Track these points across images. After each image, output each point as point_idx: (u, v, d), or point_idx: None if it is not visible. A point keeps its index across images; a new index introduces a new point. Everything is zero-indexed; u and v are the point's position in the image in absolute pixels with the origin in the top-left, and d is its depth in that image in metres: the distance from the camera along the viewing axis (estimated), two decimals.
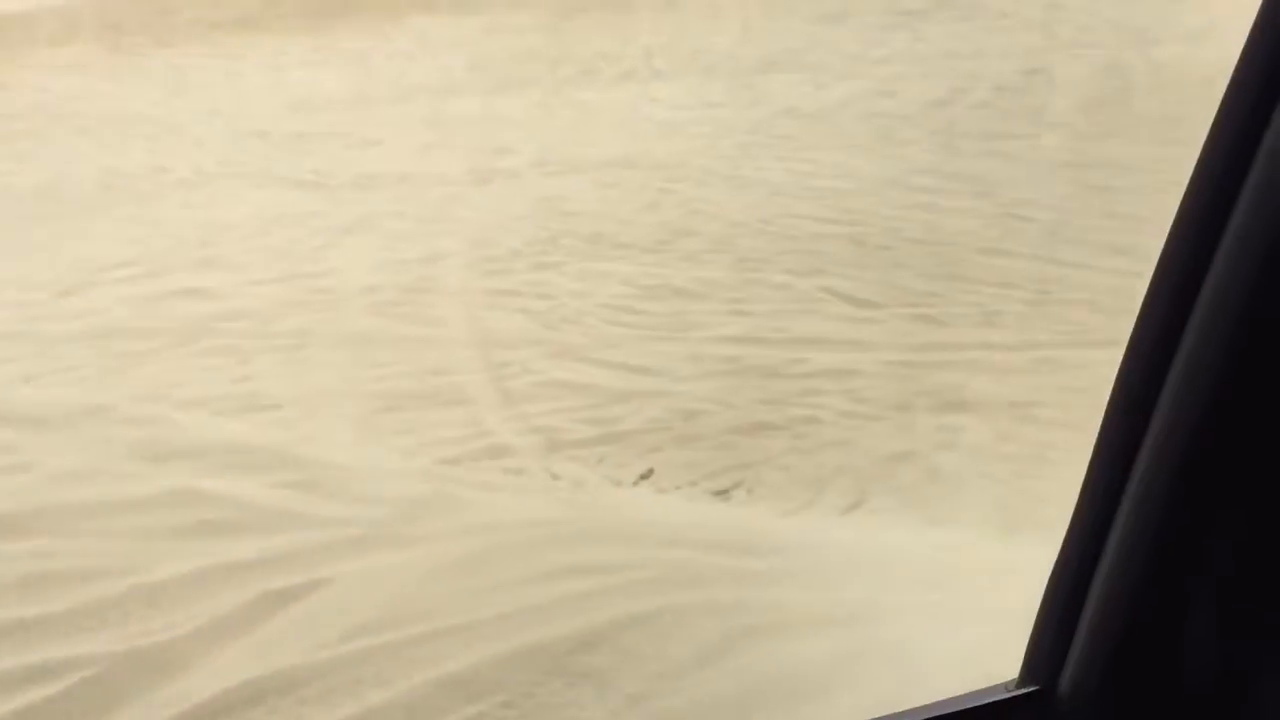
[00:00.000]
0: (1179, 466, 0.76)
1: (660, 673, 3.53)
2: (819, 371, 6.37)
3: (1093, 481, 0.87)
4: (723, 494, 5.12)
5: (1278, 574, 0.80)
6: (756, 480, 5.23)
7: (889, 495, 5.03)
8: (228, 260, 8.27)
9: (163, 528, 4.63)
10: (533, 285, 7.73)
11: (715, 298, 7.47)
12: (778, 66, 13.79)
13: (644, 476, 5.29)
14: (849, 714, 3.16)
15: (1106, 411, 0.85)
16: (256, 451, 5.28)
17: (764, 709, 3.30)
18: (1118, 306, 7.03)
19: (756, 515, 4.85)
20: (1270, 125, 0.67)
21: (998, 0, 16.01)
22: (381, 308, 7.40)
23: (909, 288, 7.46)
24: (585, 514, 4.69)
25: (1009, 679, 1.07)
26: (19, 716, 3.57)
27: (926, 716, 1.06)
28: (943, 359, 6.48)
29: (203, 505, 4.76)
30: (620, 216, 9.07)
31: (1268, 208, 0.66)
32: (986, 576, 3.80)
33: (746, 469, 5.33)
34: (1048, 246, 8.01)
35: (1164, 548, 0.79)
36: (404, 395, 6.19)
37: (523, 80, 14.26)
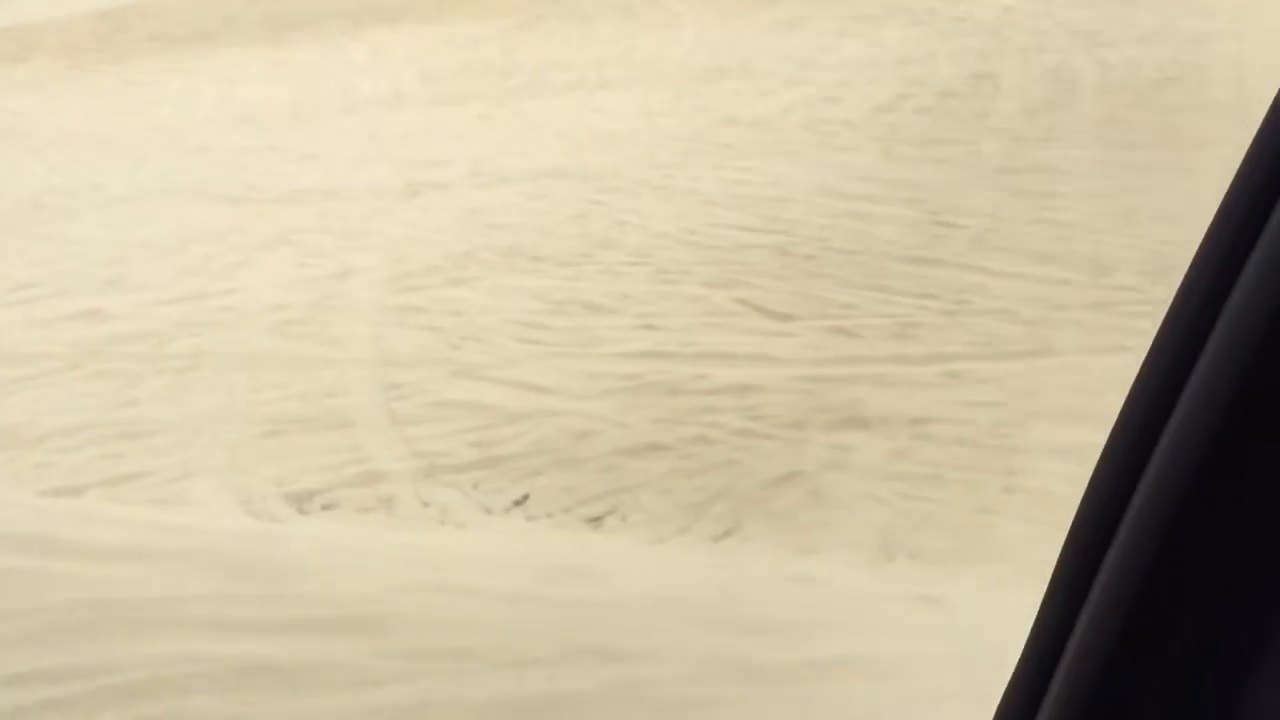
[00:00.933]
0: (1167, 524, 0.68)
1: None
2: (720, 388, 6.08)
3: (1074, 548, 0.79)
4: (595, 521, 4.83)
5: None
6: (634, 505, 4.93)
7: (766, 520, 4.74)
8: (134, 280, 7.98)
9: None
10: (442, 302, 7.45)
11: (626, 312, 7.19)
12: (727, 74, 13.52)
13: (518, 503, 5.00)
14: None
15: (1094, 475, 0.78)
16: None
17: None
18: (1035, 316, 6.77)
19: (618, 545, 4.56)
20: None
21: (953, 5, 15.76)
22: (284, 327, 7.11)
23: (827, 299, 7.18)
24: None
25: None
26: None
27: None
28: (850, 373, 6.19)
29: None
30: (542, 229, 8.79)
31: None
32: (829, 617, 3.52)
33: (626, 493, 5.04)
34: (973, 254, 7.73)
35: (1146, 611, 0.70)
36: (289, 420, 5.90)
37: (470, 92, 13.99)
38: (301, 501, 5.01)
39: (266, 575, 3.93)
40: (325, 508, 4.97)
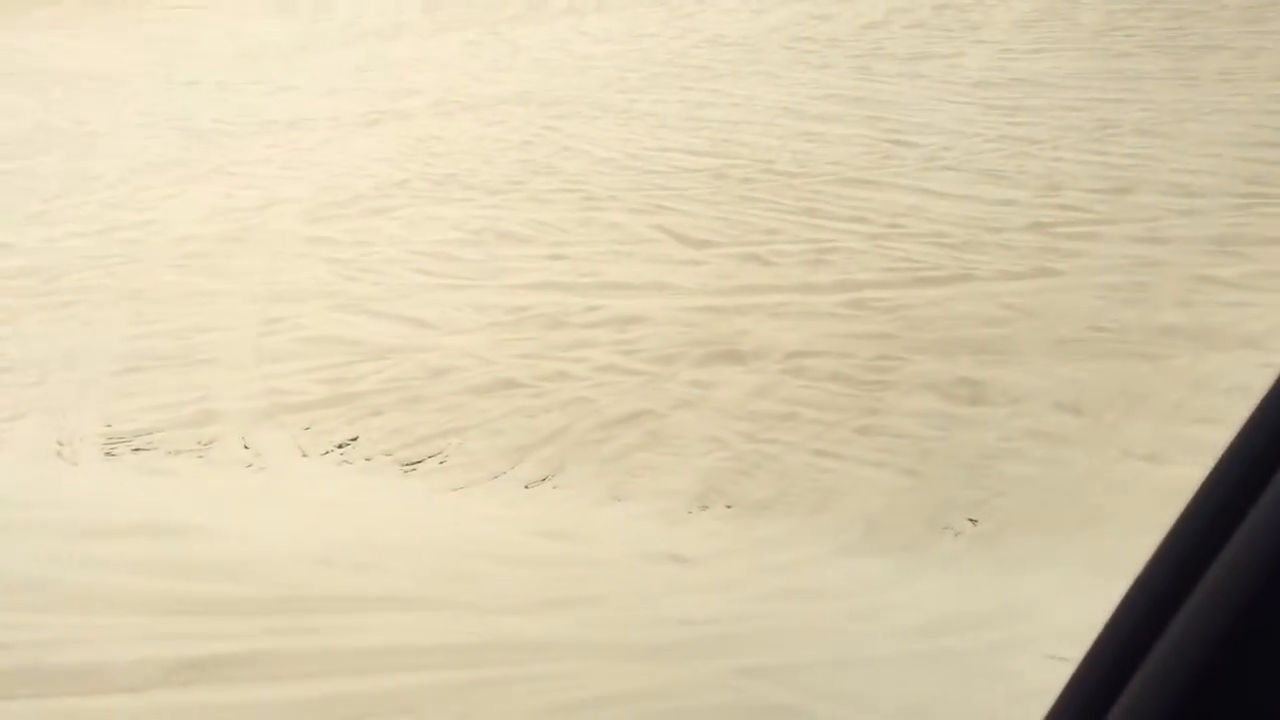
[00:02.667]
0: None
1: None
2: (606, 320, 5.58)
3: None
4: (412, 466, 4.39)
5: None
6: (459, 449, 4.48)
7: (592, 464, 4.25)
8: (60, 214, 7.69)
9: None
10: (355, 232, 7.02)
11: (540, 240, 6.69)
12: None
13: (341, 446, 4.58)
14: None
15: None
16: None
17: None
18: (965, 239, 6.11)
19: (414, 490, 4.12)
20: None
21: None
22: (186, 259, 6.77)
23: (750, 225, 6.58)
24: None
25: None
26: None
27: None
28: (748, 303, 5.63)
29: None
30: (485, 156, 8.28)
31: None
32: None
33: (457, 434, 4.59)
34: (920, 175, 7.04)
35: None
36: (153, 356, 5.55)
37: (468, 20, 13.44)
38: (115, 444, 4.66)
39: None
40: (136, 450, 4.60)
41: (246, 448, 4.62)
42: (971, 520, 3.70)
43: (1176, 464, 3.87)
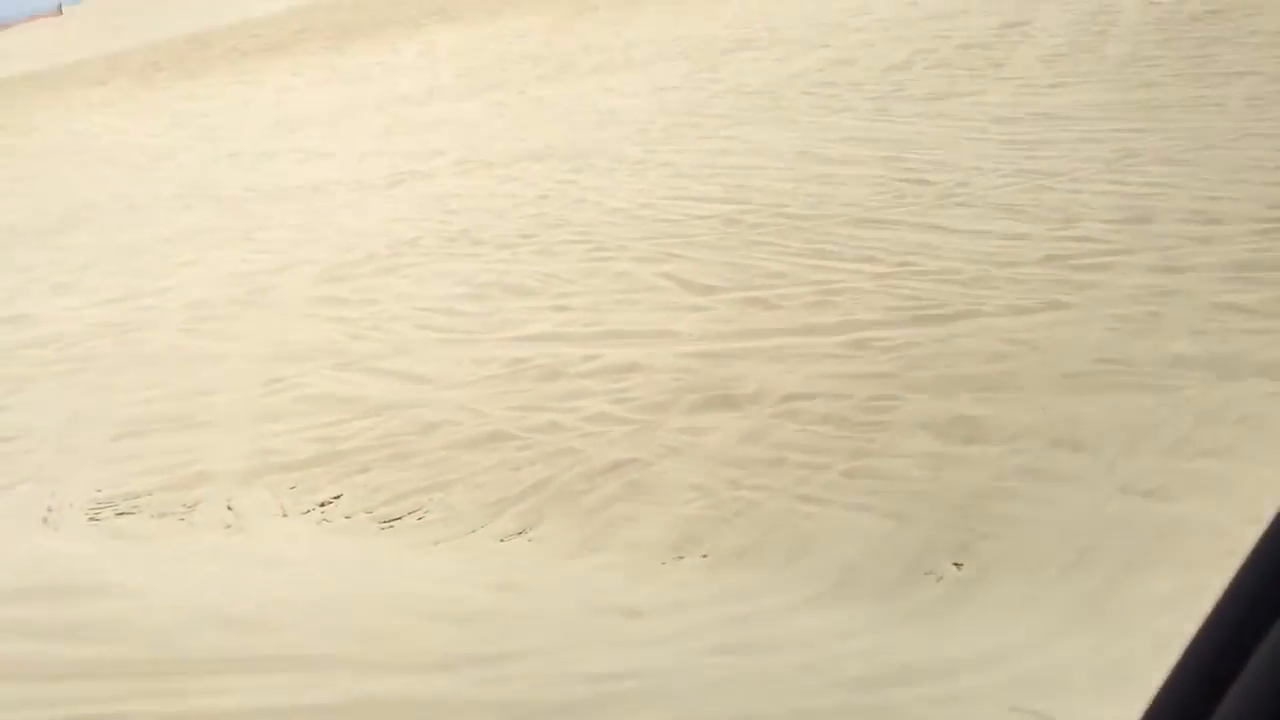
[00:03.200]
0: None
1: None
2: (602, 370, 5.45)
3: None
4: (389, 523, 4.28)
5: None
6: (441, 504, 4.36)
7: (572, 516, 4.11)
8: (82, 285, 7.80)
9: None
10: (364, 291, 7.01)
11: (546, 292, 6.61)
12: (751, 45, 12.74)
13: (323, 504, 4.49)
14: None
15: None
16: None
17: None
18: (976, 275, 5.91)
19: (383, 548, 4.00)
20: None
21: None
22: (196, 323, 6.79)
23: (757, 268, 6.44)
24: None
25: None
26: None
27: None
28: (747, 347, 5.47)
29: None
30: (499, 211, 8.26)
31: None
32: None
33: (440, 489, 4.48)
34: (933, 212, 6.86)
35: None
36: (153, 420, 5.54)
37: (498, 82, 13.57)
38: (101, 509, 4.61)
39: None
40: (120, 514, 4.55)
41: (230, 509, 4.54)
42: (955, 564, 3.49)
43: (1177, 500, 3.62)
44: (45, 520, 4.55)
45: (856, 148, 8.40)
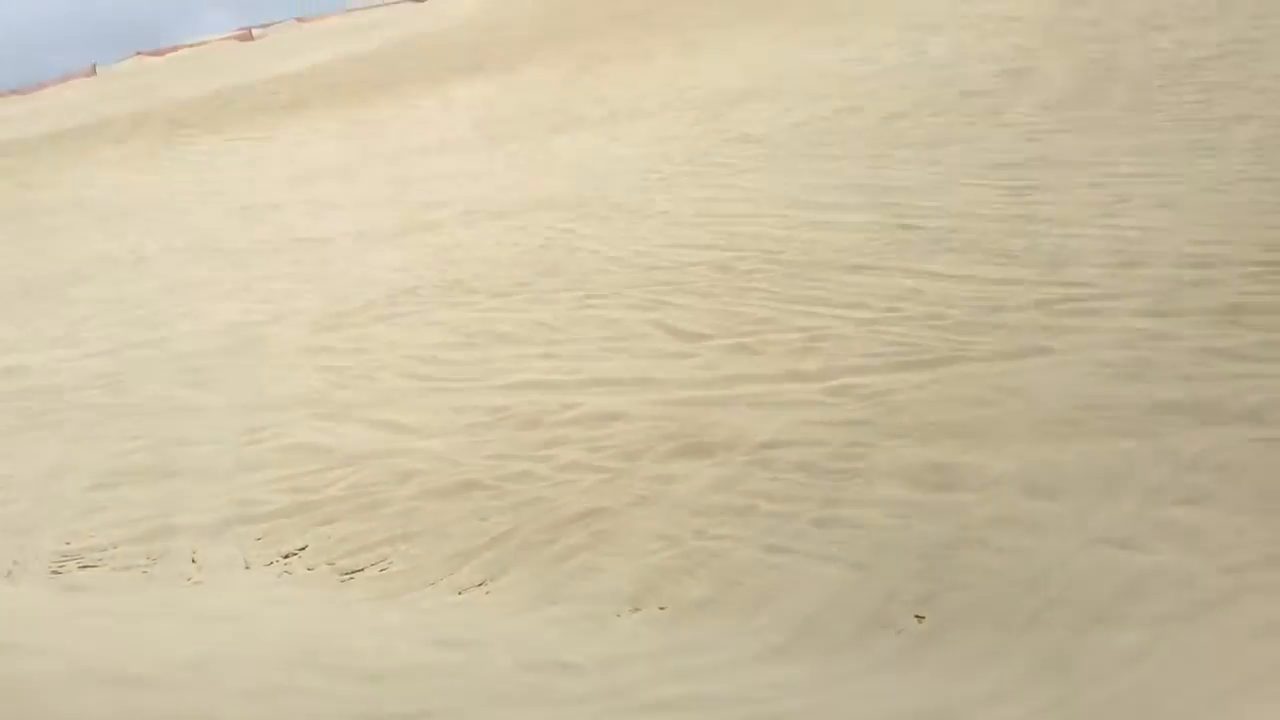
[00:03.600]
0: None
1: None
2: (581, 418, 5.37)
3: None
4: (350, 575, 4.18)
5: None
6: (403, 555, 4.27)
7: (533, 567, 4.00)
8: (80, 336, 7.81)
9: None
10: (355, 340, 6.97)
11: (534, 340, 6.54)
12: (757, 95, 12.74)
13: (287, 556, 4.40)
14: None
15: None
16: None
17: None
18: (964, 319, 5.80)
19: (339, 600, 3.90)
20: None
21: (1010, 5, 14.54)
22: (185, 374, 6.77)
23: (746, 315, 6.36)
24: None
25: None
26: None
27: None
28: (728, 394, 5.38)
29: None
30: (498, 260, 8.23)
31: None
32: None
33: (406, 540, 4.39)
34: (924, 258, 6.77)
35: None
36: (129, 471, 5.49)
37: (510, 134, 13.63)
38: (65, 562, 4.55)
39: None
40: (84, 567, 4.49)
41: (194, 561, 4.47)
42: (918, 616, 3.36)
43: (1150, 550, 3.48)
44: (9, 573, 4.48)
45: (852, 195, 8.33)
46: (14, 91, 32.89)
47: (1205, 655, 2.90)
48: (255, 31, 36.99)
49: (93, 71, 40.45)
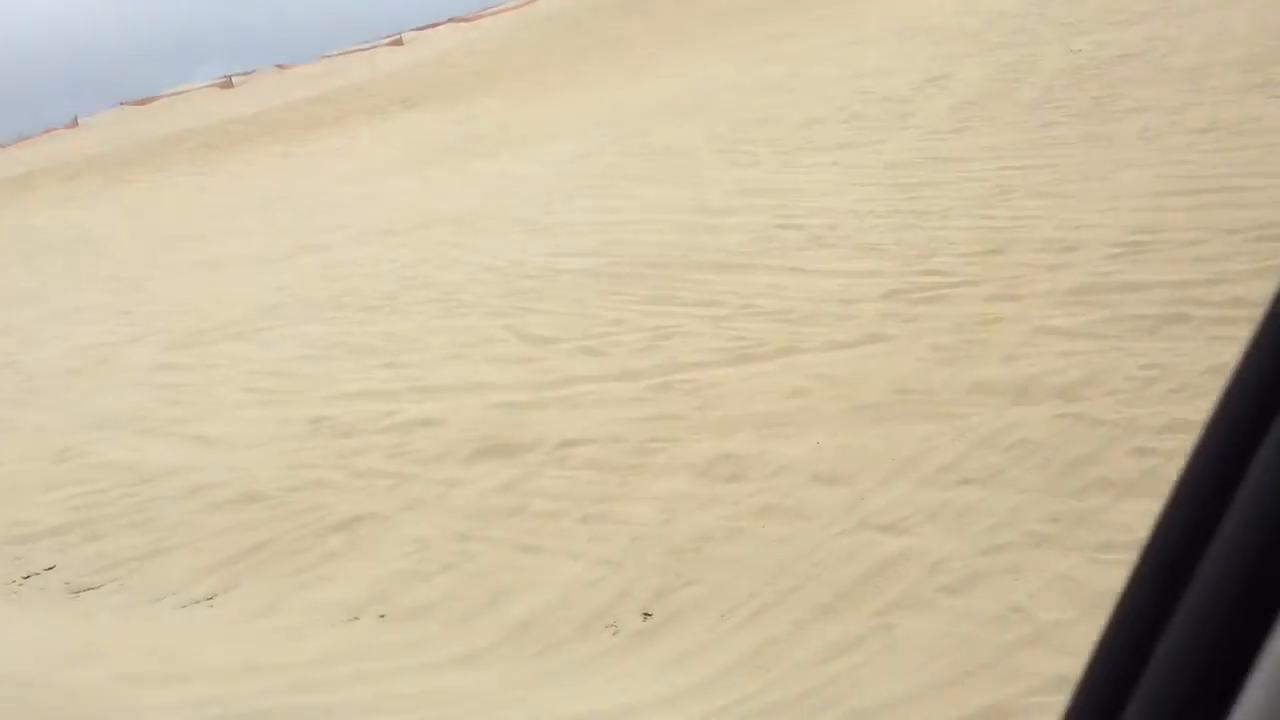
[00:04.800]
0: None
1: None
2: (398, 425, 5.02)
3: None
4: (78, 594, 3.82)
5: None
6: (151, 570, 3.91)
7: (274, 578, 3.64)
8: None
9: None
10: (205, 357, 6.64)
11: (384, 351, 6.21)
12: (683, 110, 12.49)
13: (31, 575, 4.04)
14: None
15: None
16: None
17: None
18: (813, 313, 5.46)
19: (43, 621, 3.54)
20: None
21: (944, 17, 14.30)
22: (21, 395, 6.44)
23: (600, 318, 6.03)
24: None
25: None
26: None
27: None
28: (555, 396, 5.03)
29: None
30: (376, 275, 7.92)
31: None
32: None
33: (162, 555, 4.03)
34: (796, 255, 6.44)
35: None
36: None
37: (433, 160, 13.37)
38: None
39: None
40: None
41: None
42: (646, 614, 2.99)
43: (912, 533, 3.11)
44: None
45: (748, 198, 8.02)
46: None
47: (921, 646, 2.54)
48: (235, 79, 36.94)
49: (75, 123, 40.45)
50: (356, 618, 3.24)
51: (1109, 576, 2.71)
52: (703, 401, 4.57)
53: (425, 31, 33.46)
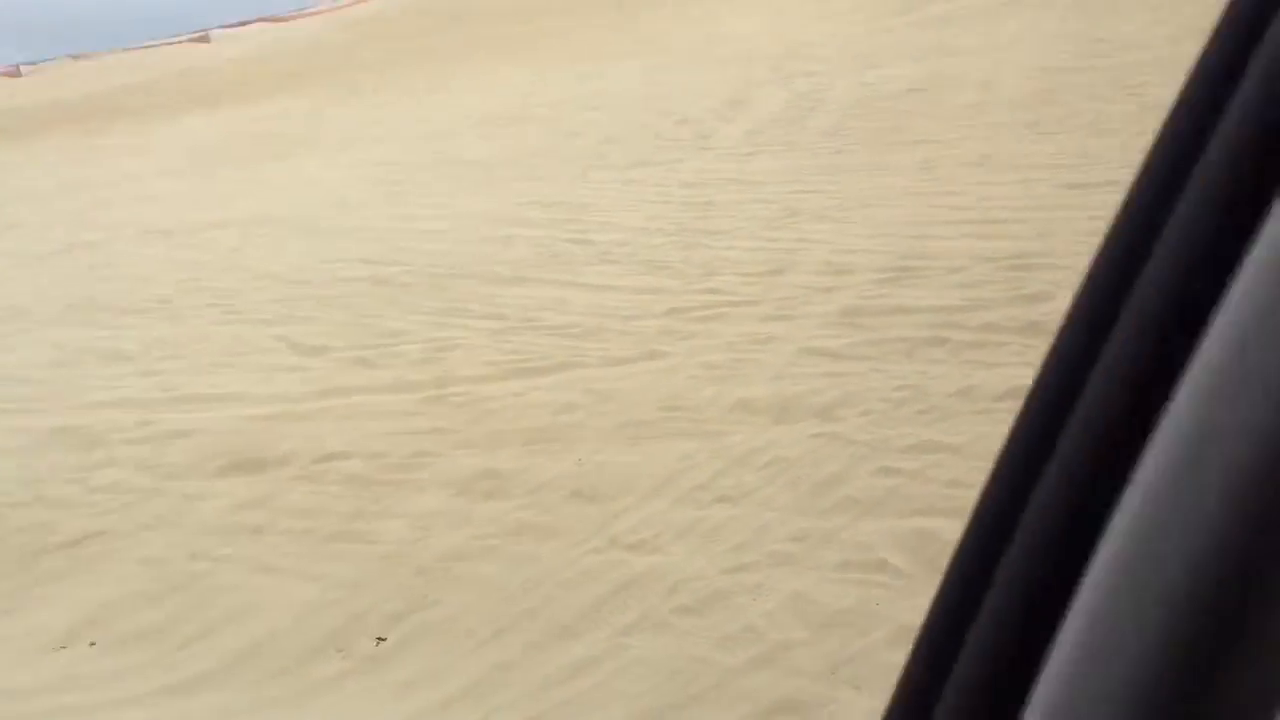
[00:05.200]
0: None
1: None
2: (150, 436, 4.69)
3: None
4: None
5: None
6: None
7: None
8: None
9: None
10: None
11: (143, 358, 5.82)
12: (491, 122, 12.33)
13: None
14: None
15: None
16: None
17: None
18: (595, 328, 5.40)
19: None
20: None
21: (751, 45, 14.65)
22: None
23: (381, 328, 5.81)
24: None
25: None
26: None
27: None
28: (322, 407, 4.80)
29: None
30: (148, 277, 7.46)
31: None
32: None
33: None
34: (583, 270, 6.38)
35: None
36: None
37: (228, 160, 12.78)
38: None
39: None
40: None
41: None
42: (380, 638, 2.84)
43: (660, 551, 3.07)
44: None
45: (541, 211, 7.93)
46: None
47: (655, 668, 2.48)
48: (24, 68, 34.63)
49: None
50: (64, 646, 2.97)
51: (843, 596, 2.72)
52: (473, 416, 4.44)
53: (234, 29, 32.17)
